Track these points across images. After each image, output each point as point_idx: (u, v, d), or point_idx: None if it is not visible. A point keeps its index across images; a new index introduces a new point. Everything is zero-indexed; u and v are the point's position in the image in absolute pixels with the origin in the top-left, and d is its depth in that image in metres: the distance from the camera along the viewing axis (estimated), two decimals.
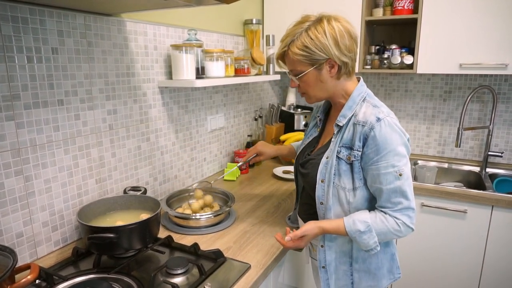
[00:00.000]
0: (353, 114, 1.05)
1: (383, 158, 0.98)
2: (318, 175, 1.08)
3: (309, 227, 1.06)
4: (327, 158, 1.07)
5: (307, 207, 1.20)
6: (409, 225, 1.00)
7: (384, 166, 0.98)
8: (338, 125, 1.07)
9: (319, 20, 1.01)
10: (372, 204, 1.05)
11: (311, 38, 0.99)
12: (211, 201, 1.48)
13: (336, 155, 1.04)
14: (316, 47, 0.99)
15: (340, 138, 1.06)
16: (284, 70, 1.14)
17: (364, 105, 1.05)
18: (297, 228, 1.24)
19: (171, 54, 1.48)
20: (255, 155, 1.50)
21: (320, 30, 0.99)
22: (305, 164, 1.16)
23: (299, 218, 1.27)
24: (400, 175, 0.98)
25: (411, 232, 1.02)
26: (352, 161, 1.02)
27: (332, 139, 1.08)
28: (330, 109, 1.20)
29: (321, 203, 1.09)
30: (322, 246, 1.12)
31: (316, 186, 1.08)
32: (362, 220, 1.00)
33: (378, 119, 0.99)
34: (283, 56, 1.08)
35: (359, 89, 1.08)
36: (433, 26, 1.89)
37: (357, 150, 1.01)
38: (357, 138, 1.01)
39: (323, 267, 1.13)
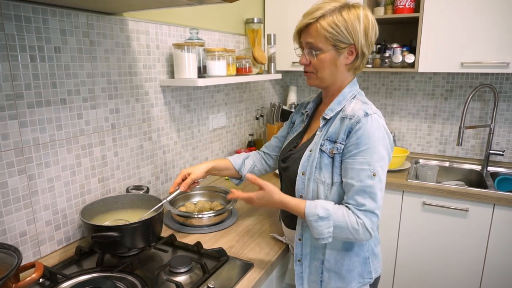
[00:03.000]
0: (341, 109, 1.05)
1: (361, 153, 0.96)
2: (300, 167, 1.06)
3: (271, 186, 1.04)
4: (310, 151, 1.06)
5: None
6: (368, 229, 0.95)
7: (360, 162, 0.96)
8: (324, 118, 1.07)
9: (354, 6, 1.00)
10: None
11: (344, 19, 0.98)
12: (216, 205, 1.48)
13: (320, 148, 1.03)
14: (346, 29, 0.98)
15: (326, 131, 1.05)
16: (284, 70, 1.13)
17: (354, 101, 1.05)
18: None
19: (173, 53, 1.48)
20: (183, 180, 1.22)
21: (354, 13, 0.98)
22: (287, 159, 1.14)
23: (281, 221, 1.25)
24: (374, 175, 0.96)
25: (369, 238, 0.98)
26: (334, 154, 1.01)
27: (317, 132, 1.07)
28: (318, 105, 1.19)
29: (301, 196, 1.07)
30: (299, 240, 1.10)
31: (297, 178, 1.07)
32: (324, 207, 0.97)
33: (366, 114, 0.98)
34: (304, 28, 1.03)
35: (351, 87, 1.07)
36: (434, 25, 1.89)
37: (340, 143, 1.00)
38: (342, 131, 1.00)
39: (298, 260, 1.12)
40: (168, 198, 1.18)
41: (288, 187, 1.14)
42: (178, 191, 1.19)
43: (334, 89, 1.09)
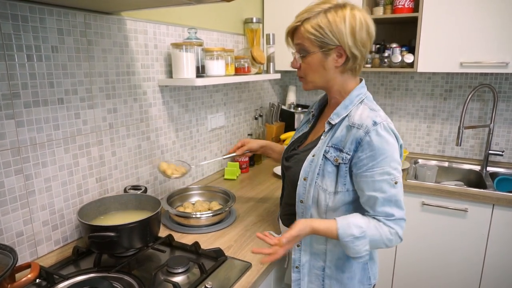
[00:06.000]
0: (347, 115, 1.01)
1: (379, 164, 0.94)
2: (302, 172, 1.04)
3: (302, 226, 0.97)
4: (313, 156, 1.03)
5: (287, 207, 1.17)
6: (400, 236, 0.96)
7: (380, 173, 0.94)
8: (330, 123, 1.03)
9: (343, 5, 0.97)
10: (350, 210, 1.02)
11: (328, 21, 0.95)
12: (214, 205, 1.48)
13: (323, 155, 1.01)
14: (330, 31, 0.95)
15: (330, 137, 1.02)
16: (283, 69, 1.12)
17: (361, 107, 1.00)
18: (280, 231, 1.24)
19: (171, 52, 1.47)
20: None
21: (340, 15, 0.95)
22: (290, 158, 1.13)
23: (279, 219, 1.24)
24: (396, 183, 0.95)
25: (399, 243, 0.98)
26: (339, 163, 0.98)
27: (322, 137, 1.05)
28: (325, 106, 1.17)
29: (301, 201, 1.05)
30: (298, 246, 1.09)
31: (298, 183, 1.05)
32: (357, 225, 0.94)
33: (375, 123, 0.94)
34: (293, 32, 1.03)
35: (359, 90, 1.03)
36: (433, 24, 1.88)
37: (347, 153, 0.97)
38: (349, 141, 0.96)
39: (296, 267, 1.10)
40: (224, 156, 1.42)
41: (290, 189, 1.13)
42: (234, 154, 1.40)
43: (335, 92, 1.05)
